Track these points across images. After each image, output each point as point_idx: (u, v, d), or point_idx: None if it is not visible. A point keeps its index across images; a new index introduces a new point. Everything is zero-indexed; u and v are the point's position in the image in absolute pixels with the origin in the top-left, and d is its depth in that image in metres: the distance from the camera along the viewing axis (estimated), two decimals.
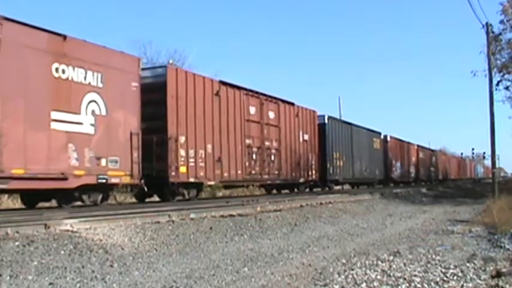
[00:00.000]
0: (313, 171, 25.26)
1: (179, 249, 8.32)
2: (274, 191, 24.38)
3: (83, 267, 6.64)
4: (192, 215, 10.83)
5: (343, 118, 37.79)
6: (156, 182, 15.15)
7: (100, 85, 13.09)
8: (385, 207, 19.24)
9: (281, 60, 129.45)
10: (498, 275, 6.77)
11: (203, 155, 16.77)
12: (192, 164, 16.19)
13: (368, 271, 7.12)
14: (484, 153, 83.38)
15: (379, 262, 7.84)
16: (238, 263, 7.67)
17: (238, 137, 18.98)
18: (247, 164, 19.36)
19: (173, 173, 15.32)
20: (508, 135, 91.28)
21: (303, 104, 24.83)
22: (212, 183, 17.97)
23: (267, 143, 20.81)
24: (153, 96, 15.13)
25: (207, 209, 11.92)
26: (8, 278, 5.90)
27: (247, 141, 19.49)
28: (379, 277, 6.74)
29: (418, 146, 49.81)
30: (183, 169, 15.77)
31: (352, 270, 7.20)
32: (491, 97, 24.70)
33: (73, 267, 6.57)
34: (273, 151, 21.28)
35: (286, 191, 24.70)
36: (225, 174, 18.00)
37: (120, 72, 13.73)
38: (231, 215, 11.55)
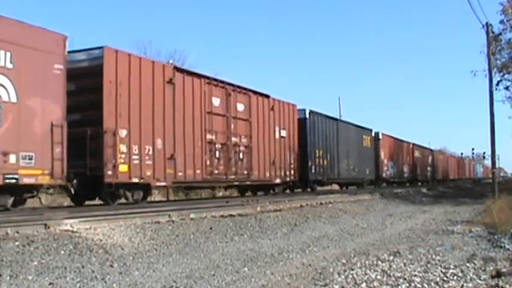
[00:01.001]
0: (292, 171, 22.59)
1: (179, 249, 8.32)
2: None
3: (83, 267, 6.64)
4: (192, 215, 10.84)
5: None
6: (91, 182, 13.08)
7: (9, 66, 10.89)
8: (385, 207, 19.24)
9: (281, 61, 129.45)
10: (498, 275, 6.77)
11: (151, 152, 14.30)
12: (136, 161, 13.82)
13: (368, 271, 7.11)
14: (484, 153, 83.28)
15: (379, 262, 7.84)
16: (238, 263, 7.67)
17: (198, 132, 16.37)
18: (208, 162, 16.71)
19: (110, 172, 12.98)
20: (508, 135, 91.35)
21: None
22: (162, 184, 15.39)
23: (234, 139, 18.21)
24: (88, 82, 13.14)
25: (207, 209, 11.93)
26: (8, 278, 5.90)
27: (209, 136, 16.88)
28: (379, 277, 6.74)
29: (413, 144, 47.65)
30: (123, 168, 13.37)
31: (352, 270, 7.20)
32: (491, 97, 24.71)
33: (73, 267, 6.57)
34: (242, 148, 18.69)
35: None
36: (180, 174, 15.37)
37: (37, 51, 11.47)
38: (231, 215, 11.57)
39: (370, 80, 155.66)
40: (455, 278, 6.74)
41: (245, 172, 18.94)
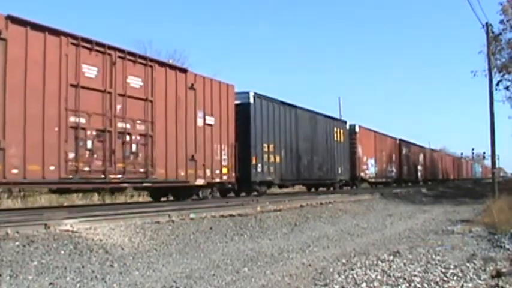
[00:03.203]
0: (225, 170, 17.56)
1: (179, 249, 8.32)
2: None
3: (83, 267, 6.64)
4: (192, 215, 10.84)
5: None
6: None
7: None
8: (385, 207, 19.24)
9: (281, 61, 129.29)
10: (498, 275, 6.77)
11: None
12: None
13: (368, 271, 7.11)
14: (484, 153, 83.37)
15: (379, 262, 7.84)
16: (238, 263, 7.67)
17: (52, 112, 11.61)
18: (71, 155, 11.91)
19: None
20: (508, 135, 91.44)
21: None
22: None
23: (121, 125, 13.26)
24: None
25: (207, 209, 11.93)
26: (8, 278, 5.90)
27: (74, 119, 12.04)
28: (379, 277, 6.74)
29: (400, 140, 42.56)
30: None
31: (352, 270, 7.19)
32: (491, 97, 24.72)
33: (73, 267, 6.57)
34: (137, 138, 13.78)
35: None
36: (14, 172, 10.73)
37: None
38: (231, 215, 11.57)
39: (369, 80, 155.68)
40: (455, 278, 6.74)
41: (141, 170, 13.88)
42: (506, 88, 28.16)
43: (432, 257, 8.33)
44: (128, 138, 13.54)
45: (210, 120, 16.90)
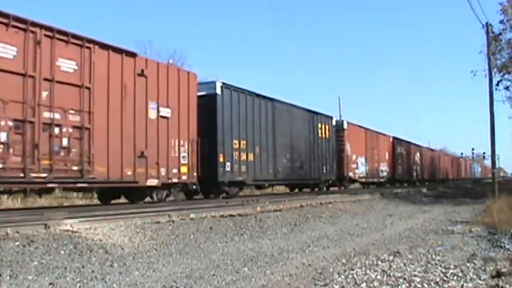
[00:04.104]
0: (184, 168, 15.40)
1: (179, 249, 8.32)
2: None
3: (83, 267, 6.64)
4: (192, 215, 10.85)
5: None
6: None
7: None
8: (385, 207, 19.25)
9: (281, 61, 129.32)
10: (498, 275, 6.77)
11: None
12: None
13: (368, 271, 7.11)
14: (484, 153, 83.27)
15: (379, 262, 7.84)
16: (238, 263, 7.67)
17: None
18: None
19: None
20: (508, 135, 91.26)
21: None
22: None
23: (48, 115, 11.34)
24: None
25: (207, 209, 11.94)
26: (8, 278, 5.90)
27: None
28: (379, 277, 6.74)
29: (394, 138, 39.93)
30: None
31: (352, 270, 7.19)
32: (491, 97, 24.72)
33: (73, 267, 6.58)
34: (70, 130, 11.83)
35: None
36: None
37: None
38: (231, 215, 11.58)
39: (369, 80, 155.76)
40: (455, 278, 6.74)
41: (75, 168, 11.95)
42: (506, 88, 28.15)
43: (432, 257, 8.33)
44: (57, 130, 11.49)
45: (165, 112, 14.70)
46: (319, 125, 25.80)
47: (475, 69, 27.63)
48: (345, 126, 29.57)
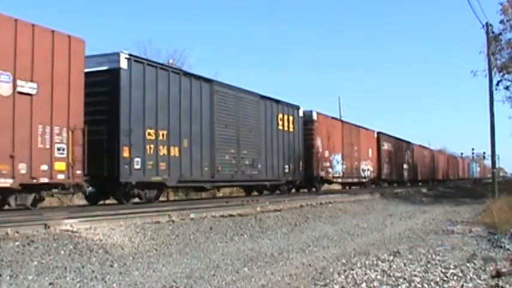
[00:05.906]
0: (61, 165, 11.51)
1: (179, 249, 8.32)
2: None
3: (83, 267, 6.64)
4: (192, 215, 10.85)
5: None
6: None
7: None
8: (385, 207, 19.25)
9: (281, 61, 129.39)
10: (498, 275, 6.77)
11: None
12: None
13: (368, 271, 7.11)
14: (484, 153, 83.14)
15: (379, 262, 7.84)
16: (238, 263, 7.67)
17: None
18: None
19: None
20: (508, 135, 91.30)
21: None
22: None
23: None
24: None
25: (207, 209, 11.94)
26: (8, 278, 5.90)
27: None
28: (379, 277, 6.74)
29: (379, 133, 35.43)
30: None
31: (352, 270, 7.19)
32: (491, 97, 24.71)
33: (73, 267, 6.58)
34: None
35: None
36: None
37: None
38: (231, 215, 11.58)
39: (369, 80, 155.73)
40: (455, 278, 6.74)
41: None
42: (506, 88, 28.19)
43: (432, 257, 8.33)
44: None
45: (27, 87, 10.94)
46: (280, 116, 21.72)
47: (475, 69, 27.69)
48: (315, 117, 24.93)
